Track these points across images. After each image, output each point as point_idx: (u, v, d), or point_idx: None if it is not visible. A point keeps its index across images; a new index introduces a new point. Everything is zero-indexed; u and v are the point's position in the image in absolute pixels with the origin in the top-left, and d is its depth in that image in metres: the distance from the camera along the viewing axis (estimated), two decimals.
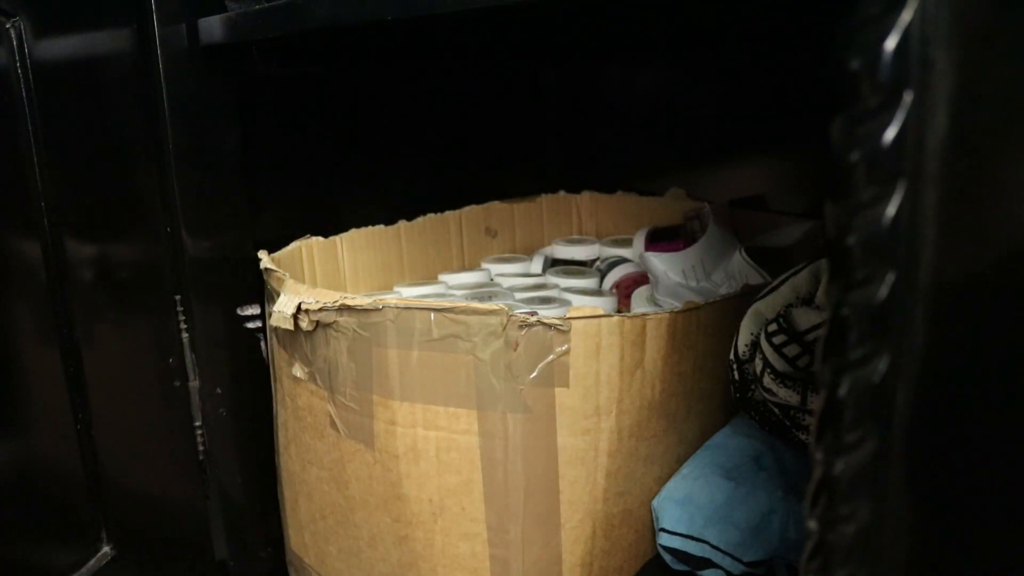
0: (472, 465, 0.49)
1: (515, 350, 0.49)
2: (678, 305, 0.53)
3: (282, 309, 0.52)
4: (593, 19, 0.91)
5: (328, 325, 0.52)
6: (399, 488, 0.51)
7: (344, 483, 0.54)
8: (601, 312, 0.49)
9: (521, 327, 0.48)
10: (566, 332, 0.48)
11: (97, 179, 0.75)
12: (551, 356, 0.49)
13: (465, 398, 0.49)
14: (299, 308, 0.51)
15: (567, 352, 0.49)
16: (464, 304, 0.48)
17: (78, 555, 0.69)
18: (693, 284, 0.73)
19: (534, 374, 0.49)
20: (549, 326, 0.48)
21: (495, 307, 0.48)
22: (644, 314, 0.51)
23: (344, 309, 0.50)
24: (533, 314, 0.48)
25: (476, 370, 0.49)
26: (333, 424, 0.54)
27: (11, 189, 0.68)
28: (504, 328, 0.48)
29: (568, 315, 0.49)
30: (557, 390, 0.49)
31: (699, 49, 0.87)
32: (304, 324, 0.52)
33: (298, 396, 0.57)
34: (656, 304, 0.70)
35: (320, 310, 0.51)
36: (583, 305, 0.51)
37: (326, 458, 0.55)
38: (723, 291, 0.71)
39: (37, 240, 0.63)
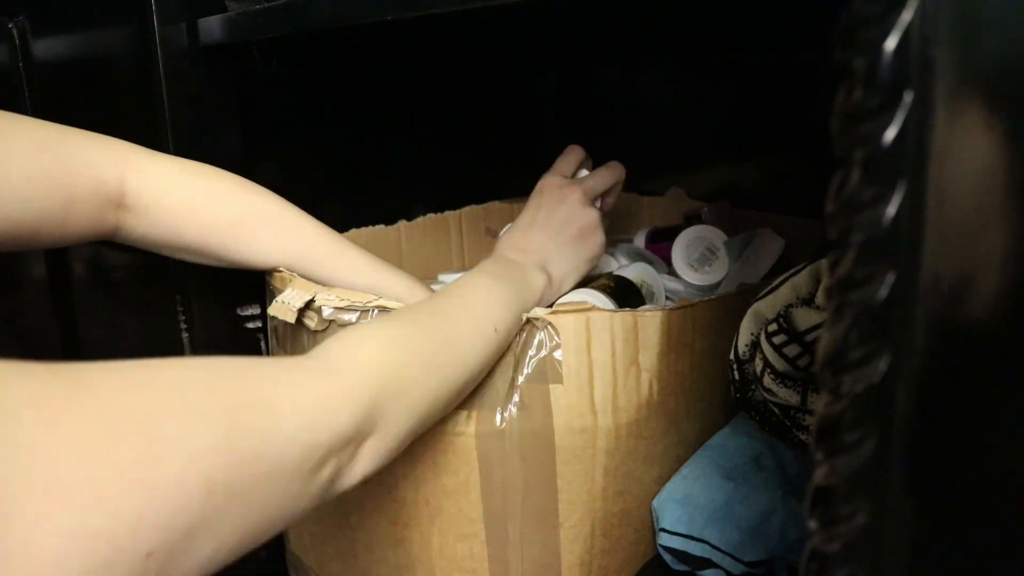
0: (469, 466, 0.49)
1: (510, 347, 0.49)
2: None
3: (287, 300, 0.50)
4: (593, 19, 0.91)
5: (343, 326, 0.50)
6: (395, 491, 0.51)
7: None
8: (588, 306, 0.49)
9: None
10: (556, 327, 0.48)
11: None
12: (544, 352, 0.49)
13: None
14: (308, 305, 0.50)
15: (558, 347, 0.49)
16: None
17: None
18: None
19: (529, 371, 0.49)
20: (539, 322, 0.48)
21: None
22: (635, 311, 0.51)
23: (380, 310, 0.49)
24: None
25: None
26: None
27: None
28: None
29: (556, 309, 0.49)
30: (552, 387, 0.49)
31: (699, 49, 0.87)
32: (313, 323, 0.51)
33: None
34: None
35: (346, 309, 0.49)
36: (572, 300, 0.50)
37: None
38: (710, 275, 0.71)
39: None
